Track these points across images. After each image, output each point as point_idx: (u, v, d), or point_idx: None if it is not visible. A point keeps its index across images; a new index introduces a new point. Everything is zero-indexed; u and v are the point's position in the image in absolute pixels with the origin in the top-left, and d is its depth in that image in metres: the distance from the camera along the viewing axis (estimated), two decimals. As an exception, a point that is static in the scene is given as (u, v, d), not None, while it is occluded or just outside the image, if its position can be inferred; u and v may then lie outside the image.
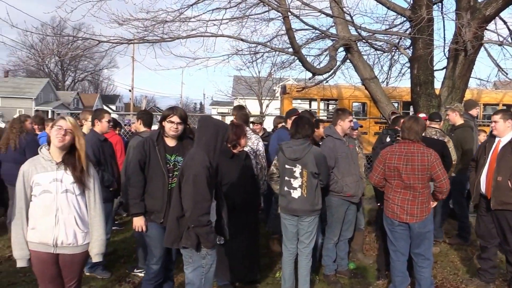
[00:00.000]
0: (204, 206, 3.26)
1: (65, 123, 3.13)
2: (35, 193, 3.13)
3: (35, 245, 3.15)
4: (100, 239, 3.28)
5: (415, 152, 4.16)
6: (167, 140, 4.04)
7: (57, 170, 3.13)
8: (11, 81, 58.10)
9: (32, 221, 3.15)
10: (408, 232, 4.33)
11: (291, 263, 4.59)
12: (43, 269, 3.18)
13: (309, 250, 4.50)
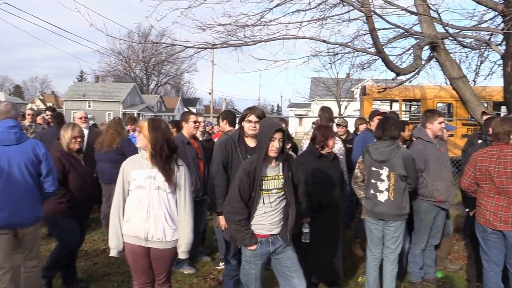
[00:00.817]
0: (233, 205, 3.39)
1: (140, 125, 3.39)
2: (131, 187, 3.33)
3: (128, 237, 3.34)
4: (187, 237, 3.40)
5: (508, 155, 3.90)
6: (247, 140, 4.14)
7: (152, 168, 3.31)
8: (101, 86, 62.39)
9: (127, 214, 3.36)
10: (502, 241, 4.05)
11: (376, 269, 4.48)
12: (135, 260, 3.38)
13: (395, 256, 4.36)
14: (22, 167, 3.71)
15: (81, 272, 5.18)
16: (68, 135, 4.44)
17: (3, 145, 3.71)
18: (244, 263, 3.52)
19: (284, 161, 3.43)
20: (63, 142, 4.48)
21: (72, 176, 4.39)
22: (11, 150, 3.71)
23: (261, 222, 3.43)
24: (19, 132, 3.81)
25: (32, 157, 3.77)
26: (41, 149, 3.85)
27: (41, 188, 3.88)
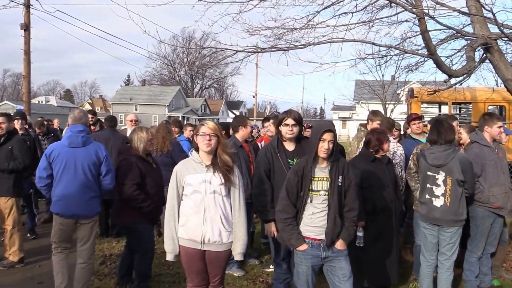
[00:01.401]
0: (281, 203, 3.49)
1: (207, 129, 3.36)
2: (187, 192, 3.39)
3: (184, 241, 3.40)
4: (242, 239, 3.46)
5: None
6: (286, 144, 4.16)
7: (206, 172, 3.37)
8: (147, 89, 63.97)
9: (183, 218, 3.41)
10: None
11: (430, 275, 4.38)
12: (190, 263, 3.44)
13: (450, 263, 4.26)
14: (85, 167, 4.31)
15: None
16: (145, 137, 4.40)
17: (71, 147, 4.33)
18: (296, 264, 3.55)
19: (333, 163, 3.42)
20: (138, 146, 4.42)
21: (149, 180, 4.37)
22: (77, 152, 4.33)
23: (310, 225, 3.45)
24: (86, 136, 4.40)
25: (94, 158, 4.36)
26: (103, 152, 4.43)
27: (100, 186, 4.44)
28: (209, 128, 3.35)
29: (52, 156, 4.32)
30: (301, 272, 3.50)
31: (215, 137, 3.35)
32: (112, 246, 6.42)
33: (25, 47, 15.08)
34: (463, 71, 6.95)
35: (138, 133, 4.39)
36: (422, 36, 6.09)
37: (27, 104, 15.78)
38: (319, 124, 3.49)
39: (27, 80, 15.47)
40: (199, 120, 38.03)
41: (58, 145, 4.45)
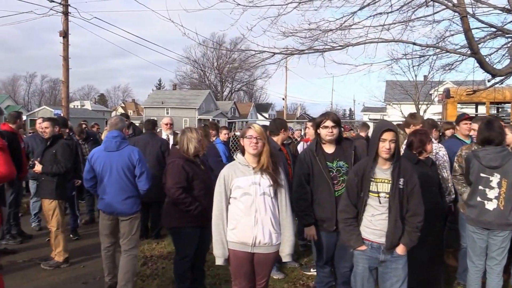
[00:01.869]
0: (341, 203, 3.55)
1: (254, 132, 3.36)
2: (236, 195, 3.38)
3: (234, 244, 3.39)
4: (291, 240, 3.45)
5: None
6: (325, 147, 4.11)
7: (254, 174, 3.37)
8: (178, 93, 64.84)
9: (233, 222, 3.40)
10: None
11: (478, 281, 4.24)
12: (239, 266, 3.43)
13: (500, 268, 4.11)
14: (119, 169, 4.65)
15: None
16: (195, 138, 4.37)
17: (107, 151, 4.70)
18: (354, 262, 3.54)
19: (395, 165, 3.35)
20: (188, 147, 4.37)
21: (197, 183, 4.35)
22: (112, 155, 4.68)
23: (370, 227, 3.41)
24: (120, 141, 4.72)
25: (127, 161, 4.68)
26: (136, 155, 4.73)
27: (136, 187, 4.75)
28: (255, 131, 3.36)
29: (93, 160, 4.73)
30: (357, 273, 3.50)
31: (261, 140, 3.36)
32: (152, 247, 6.51)
33: (63, 54, 15.51)
34: (507, 70, 6.76)
35: (188, 133, 4.37)
36: (465, 34, 5.96)
37: (65, 109, 16.22)
38: (380, 124, 3.44)
39: (66, 85, 15.89)
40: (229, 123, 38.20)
41: (97, 150, 4.84)
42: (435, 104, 34.80)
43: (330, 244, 4.13)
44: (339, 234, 3.89)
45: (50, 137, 5.82)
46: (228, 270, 5.31)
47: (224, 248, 3.41)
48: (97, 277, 5.31)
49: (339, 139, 4.12)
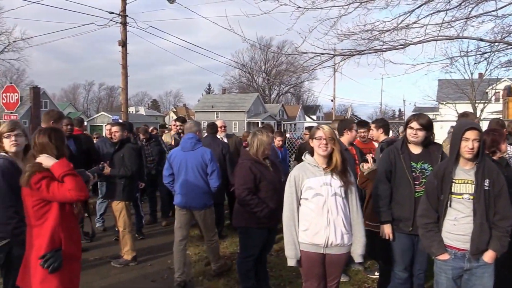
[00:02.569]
0: (421, 207, 3.40)
1: (322, 133, 3.36)
2: (307, 196, 3.38)
3: (306, 245, 3.39)
4: (362, 240, 3.43)
5: None
6: (412, 147, 4.00)
7: (325, 175, 3.37)
8: (227, 97, 65.68)
9: (305, 223, 3.40)
10: None
11: None
12: (311, 267, 3.43)
13: None
14: (194, 167, 5.20)
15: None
16: (265, 141, 4.41)
17: (184, 151, 5.27)
18: (435, 273, 3.38)
19: (479, 165, 3.17)
20: (258, 149, 4.42)
21: (264, 184, 4.37)
22: (188, 155, 5.25)
23: (453, 232, 3.21)
24: (194, 142, 5.29)
25: (201, 160, 5.23)
26: (208, 155, 5.26)
27: (208, 183, 5.26)
28: (324, 132, 3.36)
29: (171, 159, 5.33)
30: (440, 283, 3.31)
31: (331, 141, 3.36)
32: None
33: (122, 62, 16.13)
34: None
35: (258, 135, 4.42)
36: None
37: (124, 114, 16.84)
38: (461, 122, 3.32)
39: (125, 92, 16.52)
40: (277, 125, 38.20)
41: (176, 150, 5.44)
42: (492, 103, 33.37)
43: (408, 247, 3.97)
44: (416, 237, 3.79)
45: (118, 141, 6.10)
46: (290, 272, 5.40)
47: (296, 249, 3.40)
48: (164, 276, 5.50)
49: (428, 142, 4.01)
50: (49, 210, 2.99)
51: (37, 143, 3.10)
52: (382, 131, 5.19)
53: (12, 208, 3.33)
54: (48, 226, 2.98)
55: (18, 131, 3.48)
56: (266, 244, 4.59)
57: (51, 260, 2.95)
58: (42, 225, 2.99)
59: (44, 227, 2.99)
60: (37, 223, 2.99)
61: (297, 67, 8.24)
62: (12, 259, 3.31)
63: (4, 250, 3.38)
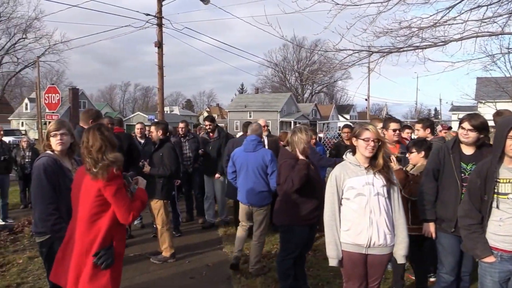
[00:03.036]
0: (463, 208, 3.31)
1: (370, 134, 3.31)
2: (349, 196, 3.34)
3: (348, 246, 3.35)
4: (405, 241, 3.37)
5: None
6: (464, 148, 3.90)
7: (367, 175, 3.33)
8: (260, 96, 65.82)
9: (346, 223, 3.35)
10: None
11: None
12: (353, 268, 3.38)
13: None
14: (254, 168, 5.48)
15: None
16: (304, 139, 4.39)
17: (246, 152, 5.59)
18: (479, 276, 3.28)
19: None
20: (298, 147, 4.40)
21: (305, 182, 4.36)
22: (249, 155, 5.56)
23: (499, 233, 3.08)
24: (256, 143, 5.59)
25: (261, 161, 5.48)
26: (268, 156, 5.50)
27: (268, 183, 5.49)
28: (372, 132, 3.32)
29: (234, 158, 5.76)
30: (485, 286, 3.20)
31: (377, 142, 3.31)
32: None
33: (158, 63, 16.41)
34: None
35: (298, 134, 4.41)
36: None
37: (161, 114, 17.14)
38: (505, 120, 3.19)
39: (161, 92, 16.80)
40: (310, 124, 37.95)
41: (238, 150, 5.81)
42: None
43: (455, 248, 3.86)
44: (458, 237, 3.68)
45: (158, 140, 6.22)
46: (328, 271, 5.38)
47: (338, 249, 3.36)
48: (203, 273, 5.58)
49: (481, 143, 3.89)
50: (107, 209, 3.04)
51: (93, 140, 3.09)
52: (430, 131, 5.04)
53: (53, 205, 3.42)
54: (103, 224, 3.04)
55: (64, 130, 3.57)
56: (307, 242, 4.58)
57: (105, 257, 3.01)
58: (95, 222, 3.04)
59: (97, 225, 3.04)
60: (91, 219, 3.04)
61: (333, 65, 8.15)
62: (53, 254, 3.37)
63: (46, 245, 3.51)
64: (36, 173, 3.42)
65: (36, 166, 3.47)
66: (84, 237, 3.04)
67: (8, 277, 5.39)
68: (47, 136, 3.58)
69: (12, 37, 43.68)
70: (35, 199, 3.50)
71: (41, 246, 3.55)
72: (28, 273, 5.53)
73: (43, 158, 3.49)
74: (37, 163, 3.48)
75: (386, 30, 6.94)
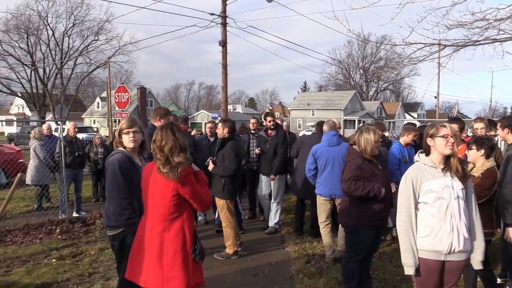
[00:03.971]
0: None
1: (449, 130, 3.14)
2: (427, 200, 3.15)
3: (426, 252, 3.16)
4: (482, 246, 3.18)
5: None
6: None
7: (445, 177, 3.14)
8: (323, 94, 65.16)
9: (425, 229, 3.16)
10: None
11: None
12: (430, 276, 3.19)
13: None
14: (340, 160, 5.70)
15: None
16: (372, 140, 4.27)
17: (330, 146, 5.98)
18: None
19: None
20: (366, 147, 4.27)
21: (373, 182, 4.22)
22: (335, 149, 5.95)
23: None
24: (337, 138, 6.04)
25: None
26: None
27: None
28: (450, 129, 3.15)
29: (317, 154, 6.04)
30: None
31: (455, 139, 3.14)
32: (313, 246, 6.60)
33: (223, 61, 16.67)
34: None
35: (365, 134, 4.30)
36: None
37: (224, 112, 17.40)
38: None
39: (225, 90, 17.06)
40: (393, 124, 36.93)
41: (320, 146, 6.10)
42: None
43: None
44: None
45: (221, 139, 6.28)
46: (394, 275, 5.25)
47: (415, 256, 3.17)
48: (265, 271, 5.58)
49: None
50: (185, 206, 3.12)
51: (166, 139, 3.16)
52: (509, 131, 4.68)
53: (127, 200, 3.50)
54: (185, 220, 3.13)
55: (136, 128, 3.67)
56: (373, 244, 4.45)
57: (201, 250, 3.17)
58: (176, 219, 3.11)
59: (178, 222, 3.12)
60: (170, 217, 3.11)
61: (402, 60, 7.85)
62: (125, 247, 3.48)
63: (118, 238, 3.60)
64: (111, 168, 3.51)
65: (110, 161, 3.56)
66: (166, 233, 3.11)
67: (81, 267, 5.69)
68: (119, 133, 3.68)
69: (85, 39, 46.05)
70: (110, 194, 3.56)
71: (113, 239, 3.65)
72: (99, 264, 5.81)
73: (117, 154, 3.58)
74: (111, 158, 3.58)
75: (460, 22, 6.60)
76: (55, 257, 6.09)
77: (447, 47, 6.07)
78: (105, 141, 11.25)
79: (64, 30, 45.62)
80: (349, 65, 77.01)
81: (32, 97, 46.21)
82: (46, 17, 43.69)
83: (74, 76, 48.80)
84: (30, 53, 44.49)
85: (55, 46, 45.94)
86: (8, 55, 43.27)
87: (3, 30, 42.33)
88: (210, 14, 16.53)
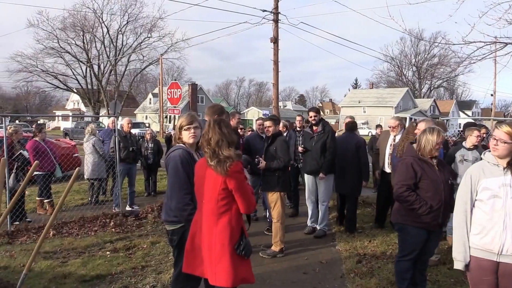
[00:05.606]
0: None
1: (497, 132, 3.08)
2: (482, 197, 3.10)
3: (477, 251, 3.11)
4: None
5: None
6: None
7: (505, 175, 3.05)
8: (375, 92, 63.84)
9: (478, 226, 3.12)
10: None
11: None
12: (482, 276, 3.11)
13: None
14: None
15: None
16: (433, 141, 4.11)
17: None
18: None
19: None
20: (425, 147, 4.15)
21: (426, 183, 4.11)
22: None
23: None
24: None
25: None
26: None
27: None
28: (501, 132, 3.07)
29: None
30: None
31: (503, 142, 3.05)
32: (364, 245, 6.51)
33: (274, 58, 16.69)
34: None
35: (427, 135, 4.15)
36: None
37: (275, 109, 17.43)
38: None
39: (276, 87, 17.07)
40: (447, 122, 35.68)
41: None
42: None
43: None
44: None
45: (271, 135, 6.30)
46: (448, 277, 5.10)
47: (466, 252, 3.14)
48: (316, 269, 5.56)
49: None
50: (233, 200, 3.16)
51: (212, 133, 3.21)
52: None
53: (189, 195, 3.53)
54: (233, 215, 3.16)
55: (196, 124, 3.73)
56: (425, 247, 4.32)
57: (245, 246, 3.16)
58: (224, 213, 3.15)
59: (226, 216, 3.15)
60: (219, 211, 3.15)
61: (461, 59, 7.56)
62: (184, 242, 3.50)
63: (178, 233, 3.66)
64: (173, 164, 3.56)
65: (172, 157, 3.61)
66: (214, 228, 3.15)
67: (134, 260, 5.85)
68: (179, 129, 3.73)
69: (138, 36, 47.41)
70: (172, 189, 3.59)
71: (172, 234, 3.71)
72: (151, 257, 5.95)
73: (178, 150, 3.63)
74: (173, 154, 3.63)
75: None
76: (109, 249, 6.28)
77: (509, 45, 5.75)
78: (156, 137, 11.53)
79: (118, 28, 47.24)
80: (401, 62, 75.02)
81: (87, 93, 48.11)
82: (101, 14, 45.42)
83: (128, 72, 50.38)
84: (85, 50, 46.32)
85: (109, 43, 47.64)
86: (65, 52, 45.26)
87: (60, 28, 44.34)
88: (262, 10, 16.59)
